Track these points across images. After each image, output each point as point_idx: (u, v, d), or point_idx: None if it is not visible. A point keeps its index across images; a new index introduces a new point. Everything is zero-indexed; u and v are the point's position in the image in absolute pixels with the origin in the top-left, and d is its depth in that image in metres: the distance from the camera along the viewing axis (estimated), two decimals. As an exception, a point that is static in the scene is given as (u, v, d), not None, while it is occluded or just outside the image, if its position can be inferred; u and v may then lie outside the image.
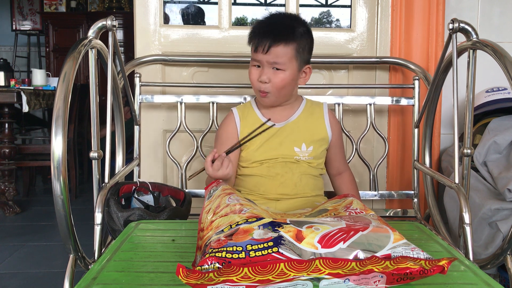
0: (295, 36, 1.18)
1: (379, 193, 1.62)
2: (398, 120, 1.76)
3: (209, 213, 0.87)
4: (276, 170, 1.23)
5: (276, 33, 1.17)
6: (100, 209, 1.10)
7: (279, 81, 1.18)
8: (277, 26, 1.19)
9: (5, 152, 2.80)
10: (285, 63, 1.17)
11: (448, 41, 1.26)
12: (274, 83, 1.18)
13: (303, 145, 1.25)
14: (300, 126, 1.27)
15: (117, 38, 1.27)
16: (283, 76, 1.18)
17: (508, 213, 1.32)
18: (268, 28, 1.19)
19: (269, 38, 1.16)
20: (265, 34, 1.17)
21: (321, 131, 1.29)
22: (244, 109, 1.32)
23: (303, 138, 1.26)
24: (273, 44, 1.15)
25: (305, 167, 1.25)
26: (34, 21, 5.84)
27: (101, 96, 2.14)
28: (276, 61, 1.17)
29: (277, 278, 0.62)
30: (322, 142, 1.28)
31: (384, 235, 0.73)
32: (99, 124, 1.19)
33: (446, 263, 0.65)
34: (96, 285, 0.72)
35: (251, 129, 1.21)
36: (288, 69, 1.18)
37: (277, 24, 1.20)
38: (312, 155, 1.26)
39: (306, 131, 1.27)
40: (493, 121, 1.59)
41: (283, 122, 1.27)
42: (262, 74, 1.19)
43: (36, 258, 2.15)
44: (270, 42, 1.15)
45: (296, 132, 1.26)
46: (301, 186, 1.23)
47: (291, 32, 1.18)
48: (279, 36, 1.16)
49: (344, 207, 0.94)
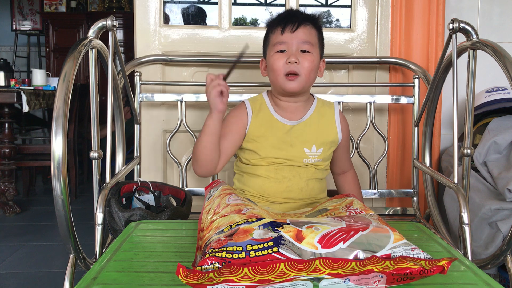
0: (319, 22, 1.20)
1: (379, 192, 1.63)
2: (398, 119, 1.76)
3: (209, 213, 0.87)
4: (283, 173, 1.20)
5: (303, 15, 1.18)
6: (101, 209, 1.10)
7: (308, 63, 1.15)
8: (300, 13, 1.21)
9: (5, 152, 2.80)
10: (313, 44, 1.17)
11: (448, 41, 1.26)
12: (304, 64, 1.15)
13: (313, 147, 1.22)
14: (311, 127, 1.23)
15: (117, 38, 1.27)
16: (311, 58, 1.16)
17: (508, 213, 1.32)
18: (292, 13, 1.20)
19: (298, 18, 1.17)
20: (293, 16, 1.17)
21: (332, 133, 1.26)
22: (256, 103, 1.26)
23: (314, 139, 1.22)
24: (302, 23, 1.16)
25: (312, 171, 1.22)
26: (34, 21, 5.84)
27: (101, 96, 2.14)
28: (306, 40, 1.15)
29: (277, 278, 0.62)
30: (332, 145, 1.26)
31: (384, 235, 0.73)
32: (99, 124, 1.19)
33: (446, 263, 0.65)
34: (96, 285, 0.72)
35: (262, 126, 1.21)
36: (314, 52, 1.17)
37: (296, 12, 1.21)
38: (321, 157, 1.22)
39: (317, 132, 1.23)
40: (493, 121, 1.59)
41: (296, 121, 1.23)
42: (290, 56, 1.15)
43: (36, 258, 2.15)
44: (300, 21, 1.16)
45: (307, 133, 1.22)
46: (307, 191, 1.21)
47: (315, 17, 1.20)
48: (306, 17, 1.18)
49: (344, 207, 0.94)
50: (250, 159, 1.22)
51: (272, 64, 1.18)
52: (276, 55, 1.17)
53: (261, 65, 1.28)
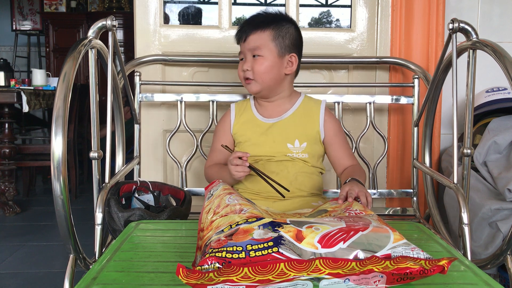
0: (271, 23, 1.26)
1: (379, 192, 1.63)
2: (398, 119, 1.76)
3: (209, 213, 0.87)
4: (271, 169, 1.24)
5: (253, 24, 1.27)
6: (100, 209, 1.10)
7: (258, 66, 1.25)
8: (255, 19, 1.30)
9: (5, 152, 2.80)
10: (262, 48, 1.25)
11: (448, 41, 1.26)
12: (255, 68, 1.25)
13: (296, 142, 1.27)
14: (294, 123, 1.29)
15: (117, 38, 1.27)
16: (262, 61, 1.25)
17: (508, 213, 1.32)
18: (247, 21, 1.30)
19: (247, 28, 1.27)
20: (244, 26, 1.28)
21: (314, 128, 1.29)
22: (241, 105, 1.38)
23: (296, 134, 1.28)
24: (250, 32, 1.26)
25: (300, 165, 1.26)
26: (34, 21, 5.84)
27: (101, 96, 2.14)
28: (253, 46, 1.25)
29: (277, 278, 0.62)
30: (315, 140, 1.29)
31: (384, 235, 0.73)
32: (99, 124, 1.19)
33: (446, 263, 0.65)
34: (96, 285, 0.72)
35: (244, 126, 1.32)
36: (266, 54, 1.25)
37: (257, 17, 1.30)
38: (306, 152, 1.27)
39: (299, 127, 1.29)
40: (493, 121, 1.59)
41: (276, 118, 1.30)
42: (244, 64, 1.27)
43: (36, 258, 2.15)
44: (248, 31, 1.26)
45: (289, 129, 1.28)
46: (296, 184, 1.23)
47: (267, 20, 1.27)
48: (255, 25, 1.27)
49: (344, 209, 0.94)
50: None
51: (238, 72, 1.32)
52: (240, 63, 1.30)
53: None
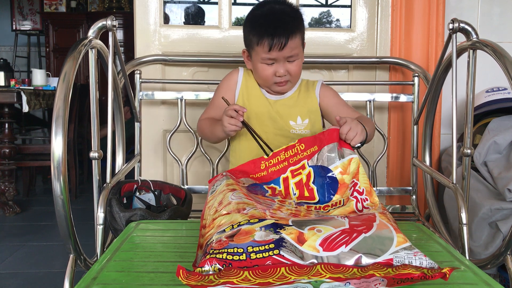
0: (300, 25, 1.22)
1: (378, 189, 1.63)
2: (398, 117, 1.76)
3: (212, 209, 0.86)
4: (274, 143, 1.19)
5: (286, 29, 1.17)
6: (102, 209, 1.10)
7: (297, 69, 1.24)
8: (281, 22, 1.19)
9: (5, 152, 2.80)
10: (298, 53, 1.22)
11: (448, 41, 1.26)
12: (292, 71, 1.23)
13: (299, 118, 1.29)
14: (295, 101, 1.31)
15: (117, 38, 1.27)
16: (298, 63, 1.23)
17: (508, 213, 1.32)
18: (277, 25, 1.18)
19: (281, 36, 1.16)
20: (276, 33, 1.17)
21: (313, 105, 1.32)
22: (248, 77, 1.32)
23: (298, 112, 1.29)
24: (286, 42, 1.17)
25: None
26: (34, 21, 5.83)
27: (101, 96, 2.14)
28: (292, 54, 1.20)
29: (277, 281, 0.62)
30: (316, 114, 1.32)
31: (387, 238, 0.72)
32: (99, 124, 1.19)
33: (449, 270, 0.65)
34: (96, 285, 0.72)
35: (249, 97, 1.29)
36: (300, 55, 1.23)
37: (281, 19, 1.19)
38: (308, 128, 1.29)
39: (300, 105, 1.30)
40: (493, 121, 1.59)
41: (278, 96, 1.30)
42: (278, 69, 1.21)
43: (36, 258, 2.15)
44: (283, 40, 1.17)
45: (291, 107, 1.30)
46: None
47: (296, 22, 1.20)
48: (288, 30, 1.17)
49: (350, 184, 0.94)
50: (241, 132, 1.24)
51: (260, 72, 1.24)
52: (264, 66, 1.22)
53: (244, 55, 1.31)
